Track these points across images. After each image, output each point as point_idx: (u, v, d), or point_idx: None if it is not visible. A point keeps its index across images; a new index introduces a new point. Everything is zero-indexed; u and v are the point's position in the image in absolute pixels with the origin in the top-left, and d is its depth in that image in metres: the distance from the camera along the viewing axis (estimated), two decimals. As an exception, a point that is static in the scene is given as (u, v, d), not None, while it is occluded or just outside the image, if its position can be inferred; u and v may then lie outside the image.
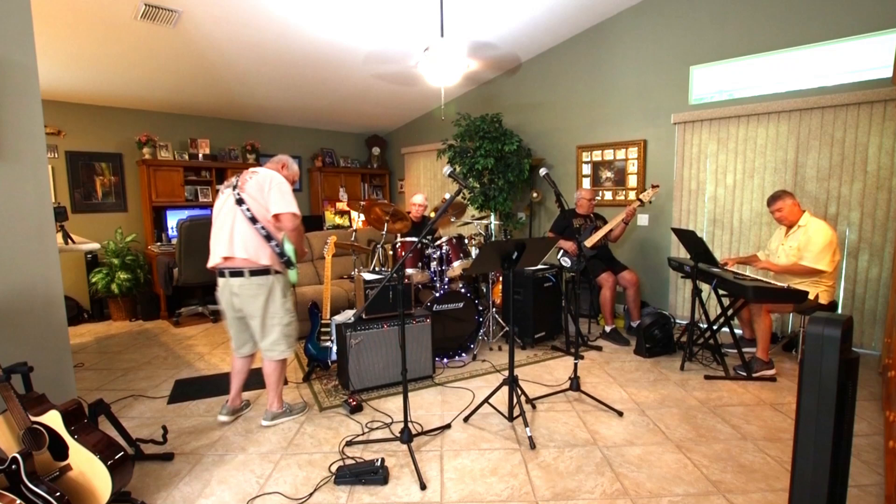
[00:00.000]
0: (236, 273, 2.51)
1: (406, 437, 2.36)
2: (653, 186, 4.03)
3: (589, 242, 4.18)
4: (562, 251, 4.28)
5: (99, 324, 5.10)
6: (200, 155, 5.97)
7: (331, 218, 7.02)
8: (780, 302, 3.13)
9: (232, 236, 2.49)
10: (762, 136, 4.08)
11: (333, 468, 2.25)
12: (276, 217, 2.50)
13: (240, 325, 2.70)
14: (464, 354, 3.74)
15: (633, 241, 4.95)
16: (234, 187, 2.54)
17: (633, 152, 4.87)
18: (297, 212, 2.53)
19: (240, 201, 2.49)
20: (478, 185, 5.43)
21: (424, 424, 2.69)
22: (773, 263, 3.43)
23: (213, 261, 2.56)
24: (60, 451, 1.83)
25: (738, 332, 3.95)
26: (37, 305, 2.38)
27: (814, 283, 3.24)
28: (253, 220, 2.48)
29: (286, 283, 2.66)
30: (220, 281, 2.59)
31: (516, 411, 2.70)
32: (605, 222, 4.39)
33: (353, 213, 6.89)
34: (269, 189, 2.50)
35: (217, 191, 2.67)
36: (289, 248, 2.60)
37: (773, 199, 3.40)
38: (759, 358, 3.32)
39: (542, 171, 2.99)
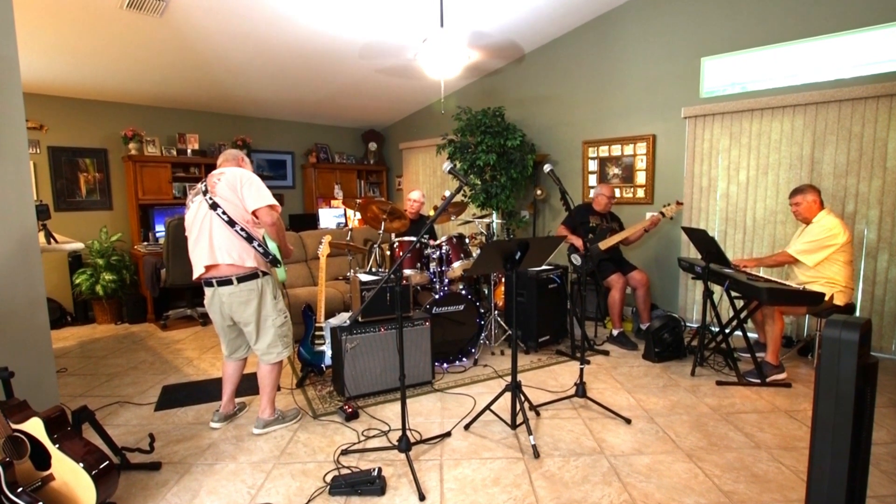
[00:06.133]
0: (224, 282, 2.51)
1: (404, 445, 2.35)
2: (677, 203, 4.05)
3: (603, 246, 4.18)
4: (571, 247, 4.27)
5: (83, 327, 5.09)
6: (189, 150, 5.97)
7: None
8: (795, 304, 3.13)
9: (212, 243, 2.47)
10: (776, 131, 4.08)
11: (328, 478, 2.25)
12: (255, 214, 2.48)
13: (231, 332, 2.71)
14: (464, 359, 3.74)
15: (641, 241, 4.94)
16: (205, 192, 2.50)
17: (641, 148, 4.87)
18: (275, 203, 2.50)
19: (214, 206, 2.46)
20: (479, 182, 5.43)
21: (423, 432, 2.69)
22: (755, 259, 3.50)
23: (198, 271, 2.53)
24: (42, 460, 1.83)
25: (752, 335, 3.95)
26: (18, 308, 2.38)
27: (829, 283, 3.24)
28: (231, 222, 2.45)
29: (275, 283, 2.67)
30: (208, 291, 2.57)
31: (519, 418, 2.70)
32: (621, 223, 4.38)
33: (349, 212, 6.89)
34: (241, 186, 2.47)
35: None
36: (272, 246, 2.60)
37: (794, 192, 3.40)
38: (769, 361, 3.32)
39: (547, 168, 2.99)
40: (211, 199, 2.47)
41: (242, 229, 2.47)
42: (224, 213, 2.45)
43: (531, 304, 3.94)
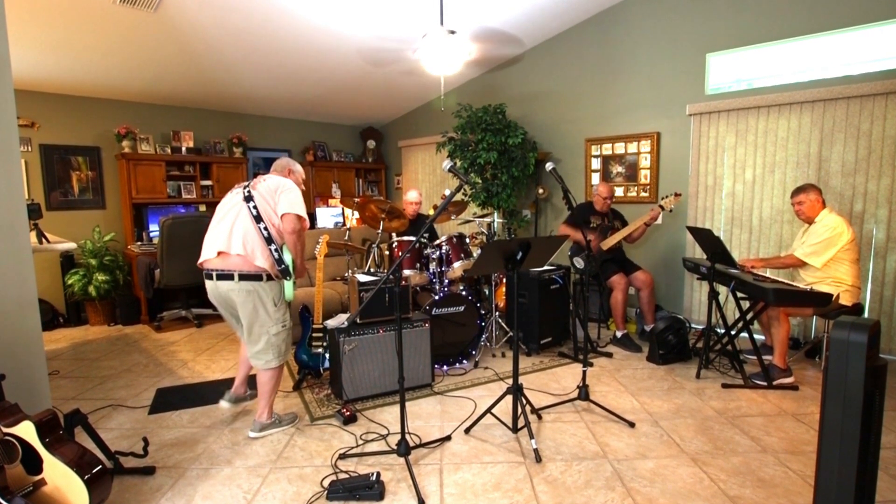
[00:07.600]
0: (225, 276, 2.53)
1: (403, 449, 2.36)
2: (675, 194, 4.05)
3: (605, 245, 4.17)
4: (573, 249, 4.27)
5: (75, 329, 5.09)
6: (184, 148, 5.97)
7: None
8: (802, 305, 3.14)
9: (232, 230, 2.54)
10: (783, 129, 4.08)
11: (326, 483, 2.25)
12: (281, 218, 2.58)
13: (238, 321, 2.72)
14: (465, 361, 3.74)
15: (645, 240, 4.95)
16: (246, 186, 2.64)
17: (645, 146, 4.87)
18: (303, 215, 2.60)
19: (248, 198, 2.57)
20: (480, 181, 5.43)
21: (423, 436, 2.69)
22: (762, 260, 3.50)
23: (207, 254, 2.59)
24: (34, 464, 1.83)
25: (758, 337, 3.95)
26: (9, 309, 2.38)
27: (835, 282, 3.24)
28: (258, 218, 2.54)
29: (279, 290, 2.67)
30: (209, 284, 2.61)
31: (521, 422, 2.70)
32: (624, 222, 4.38)
33: (347, 211, 6.89)
34: (281, 192, 2.60)
35: (202, 186, 2.70)
36: (287, 257, 2.62)
37: (796, 191, 3.42)
38: (776, 365, 3.32)
39: (549, 166, 2.99)
40: (249, 192, 2.59)
41: (266, 229, 2.54)
42: (255, 207, 2.55)
43: (533, 305, 3.94)
